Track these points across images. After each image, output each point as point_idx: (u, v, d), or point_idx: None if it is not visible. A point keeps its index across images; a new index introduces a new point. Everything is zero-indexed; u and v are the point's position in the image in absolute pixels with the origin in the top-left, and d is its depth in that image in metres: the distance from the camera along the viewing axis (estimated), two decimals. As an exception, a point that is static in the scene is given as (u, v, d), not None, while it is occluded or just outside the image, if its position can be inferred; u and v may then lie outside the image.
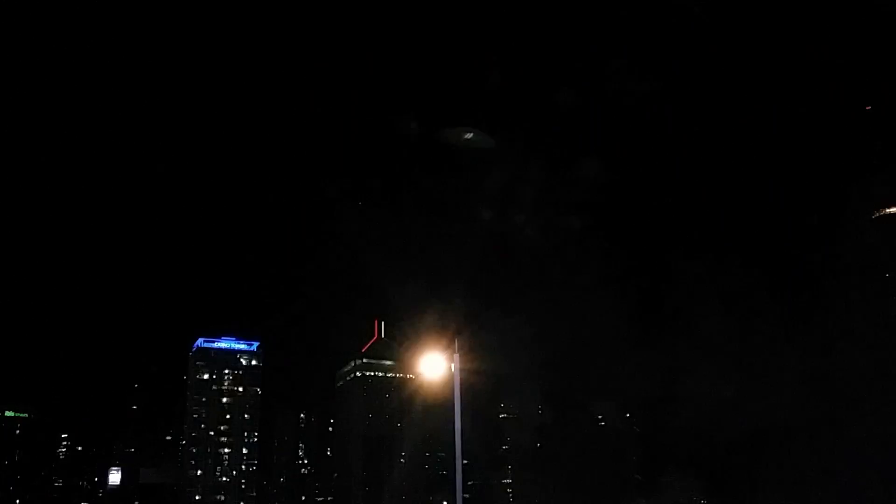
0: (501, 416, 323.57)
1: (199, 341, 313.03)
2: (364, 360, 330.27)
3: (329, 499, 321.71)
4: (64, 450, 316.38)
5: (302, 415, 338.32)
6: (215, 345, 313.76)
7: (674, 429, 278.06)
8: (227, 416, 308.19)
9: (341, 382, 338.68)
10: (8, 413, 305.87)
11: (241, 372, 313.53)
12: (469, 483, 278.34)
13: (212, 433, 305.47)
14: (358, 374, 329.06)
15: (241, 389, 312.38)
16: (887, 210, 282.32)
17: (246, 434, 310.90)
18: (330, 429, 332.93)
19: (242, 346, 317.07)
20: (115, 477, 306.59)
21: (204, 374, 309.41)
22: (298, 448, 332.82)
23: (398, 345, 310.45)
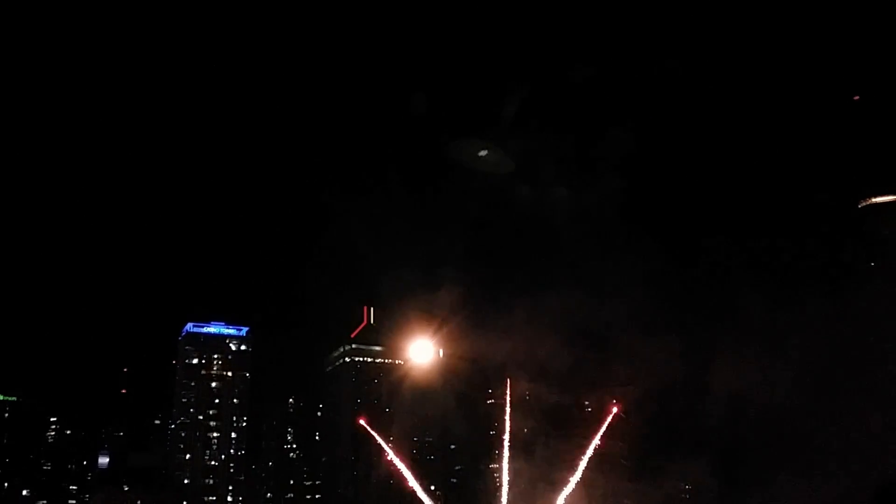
0: (490, 401, 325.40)
1: (189, 326, 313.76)
2: (353, 346, 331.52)
3: (317, 483, 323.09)
4: (52, 433, 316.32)
5: (291, 400, 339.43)
6: (204, 329, 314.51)
7: (674, 415, 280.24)
8: (216, 401, 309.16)
9: (330, 368, 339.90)
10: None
11: (230, 357, 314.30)
12: (456, 468, 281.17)
13: (200, 417, 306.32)
14: (347, 359, 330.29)
15: (230, 374, 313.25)
16: (873, 200, 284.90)
17: (235, 418, 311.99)
18: (319, 413, 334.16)
19: (232, 332, 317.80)
20: (103, 460, 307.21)
21: (193, 358, 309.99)
22: (287, 433, 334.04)
23: (387, 331, 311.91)
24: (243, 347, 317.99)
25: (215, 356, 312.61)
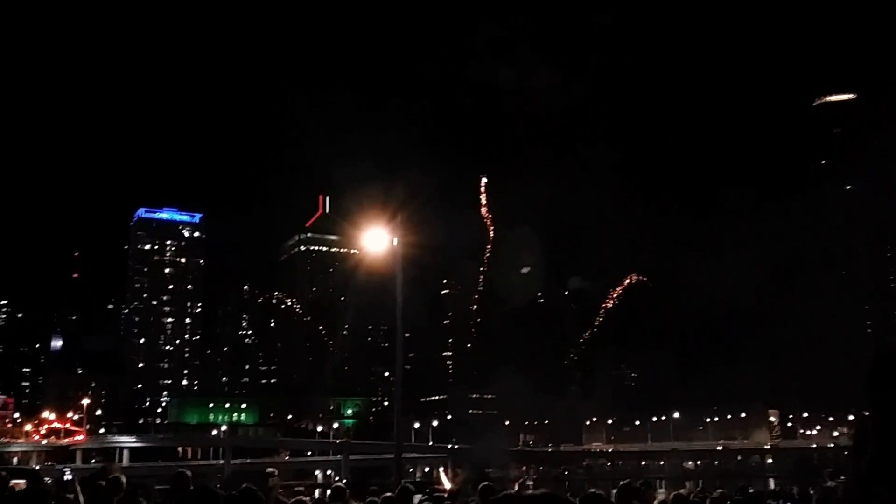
0: (444, 291, 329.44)
1: (140, 211, 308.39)
2: (308, 235, 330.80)
3: (272, 368, 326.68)
4: (4, 317, 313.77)
5: (245, 287, 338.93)
6: (157, 215, 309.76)
7: (636, 306, 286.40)
8: (170, 287, 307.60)
9: (285, 256, 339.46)
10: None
11: (183, 243, 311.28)
12: (410, 355, 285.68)
13: (154, 303, 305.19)
14: (302, 248, 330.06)
15: (183, 260, 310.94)
16: (827, 98, 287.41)
17: (189, 304, 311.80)
18: (274, 301, 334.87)
19: (185, 218, 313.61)
20: (56, 343, 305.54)
21: (145, 244, 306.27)
22: (242, 319, 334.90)
23: (342, 220, 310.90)
24: (196, 234, 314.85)
25: (168, 242, 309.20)
